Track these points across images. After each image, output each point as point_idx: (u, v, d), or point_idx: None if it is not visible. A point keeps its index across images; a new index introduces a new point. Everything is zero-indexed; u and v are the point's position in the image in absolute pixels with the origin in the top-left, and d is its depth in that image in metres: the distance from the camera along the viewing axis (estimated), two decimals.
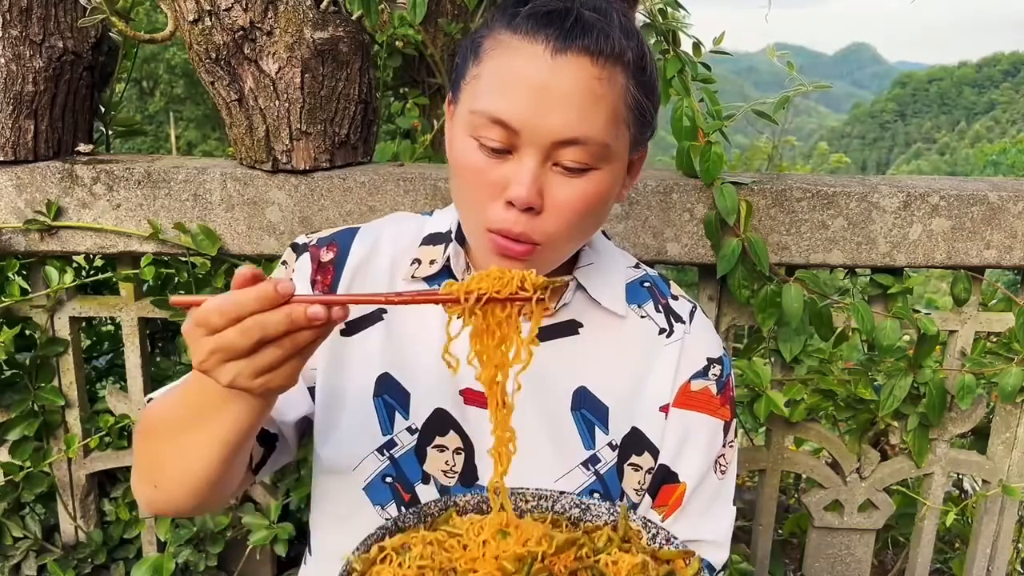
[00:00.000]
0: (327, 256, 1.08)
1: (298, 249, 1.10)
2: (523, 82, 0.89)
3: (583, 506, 0.94)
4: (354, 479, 1.04)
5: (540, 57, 0.89)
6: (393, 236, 1.11)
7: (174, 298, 0.78)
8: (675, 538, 0.90)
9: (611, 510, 0.93)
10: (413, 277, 1.07)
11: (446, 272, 1.07)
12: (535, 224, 0.93)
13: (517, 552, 0.83)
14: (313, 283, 1.07)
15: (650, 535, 0.91)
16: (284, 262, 1.11)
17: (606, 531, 0.90)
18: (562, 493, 0.95)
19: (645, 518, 0.93)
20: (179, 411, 0.91)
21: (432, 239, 1.10)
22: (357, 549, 0.85)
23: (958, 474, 2.27)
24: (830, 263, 1.79)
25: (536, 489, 0.95)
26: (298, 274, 1.08)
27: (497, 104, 0.90)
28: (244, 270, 0.77)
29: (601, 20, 0.91)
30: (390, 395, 1.05)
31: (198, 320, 0.76)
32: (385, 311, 1.07)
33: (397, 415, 1.04)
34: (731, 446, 1.12)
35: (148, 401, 1.05)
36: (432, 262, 1.07)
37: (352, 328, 1.07)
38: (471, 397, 1.05)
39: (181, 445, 0.89)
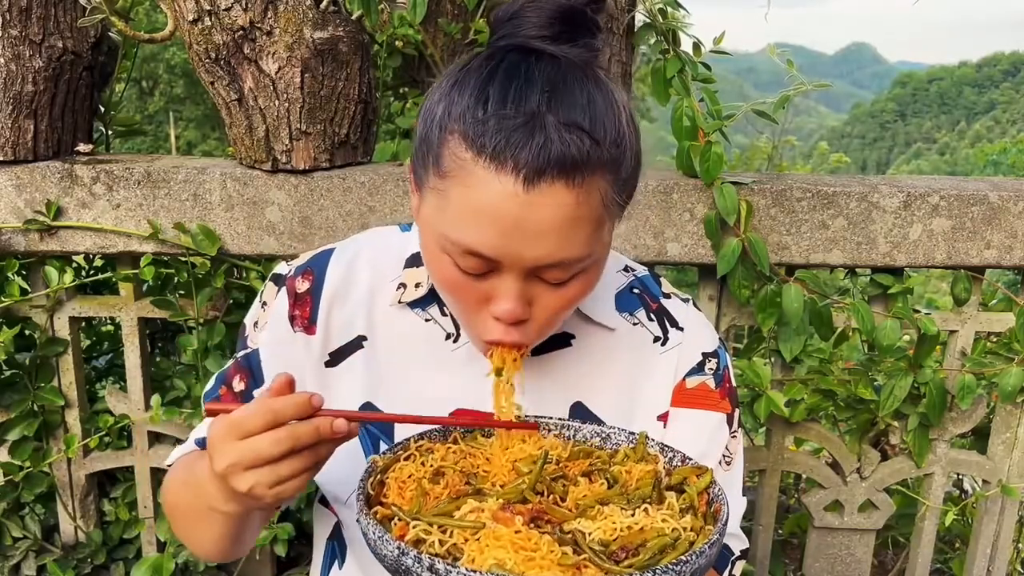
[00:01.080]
0: (303, 286, 1.04)
1: (278, 281, 1.06)
2: (495, 218, 0.82)
3: (604, 435, 0.97)
4: (350, 509, 1.03)
5: (511, 192, 0.80)
6: (370, 257, 1.07)
7: (208, 405, 0.83)
8: (690, 459, 0.92)
9: (631, 438, 0.96)
10: (400, 303, 1.04)
11: (431, 296, 1.04)
12: (525, 330, 0.91)
13: (532, 454, 0.90)
14: (292, 319, 1.03)
15: (667, 458, 0.93)
16: (264, 303, 1.07)
17: (624, 450, 0.94)
18: (584, 422, 0.98)
19: (663, 443, 0.95)
20: (187, 505, 0.97)
21: (415, 260, 1.05)
22: (384, 453, 0.91)
23: (958, 474, 2.27)
24: (830, 263, 1.79)
25: (559, 419, 0.98)
26: (275, 317, 1.04)
27: (470, 238, 0.83)
28: (282, 380, 0.81)
29: (571, 126, 0.81)
30: (373, 424, 1.03)
31: (233, 424, 0.79)
32: (365, 338, 1.04)
33: (381, 444, 1.03)
34: (735, 437, 1.10)
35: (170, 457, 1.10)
36: (417, 285, 1.04)
37: (335, 358, 1.04)
38: (464, 417, 1.02)
39: (194, 529, 0.97)
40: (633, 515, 0.81)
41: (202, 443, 1.06)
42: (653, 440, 0.95)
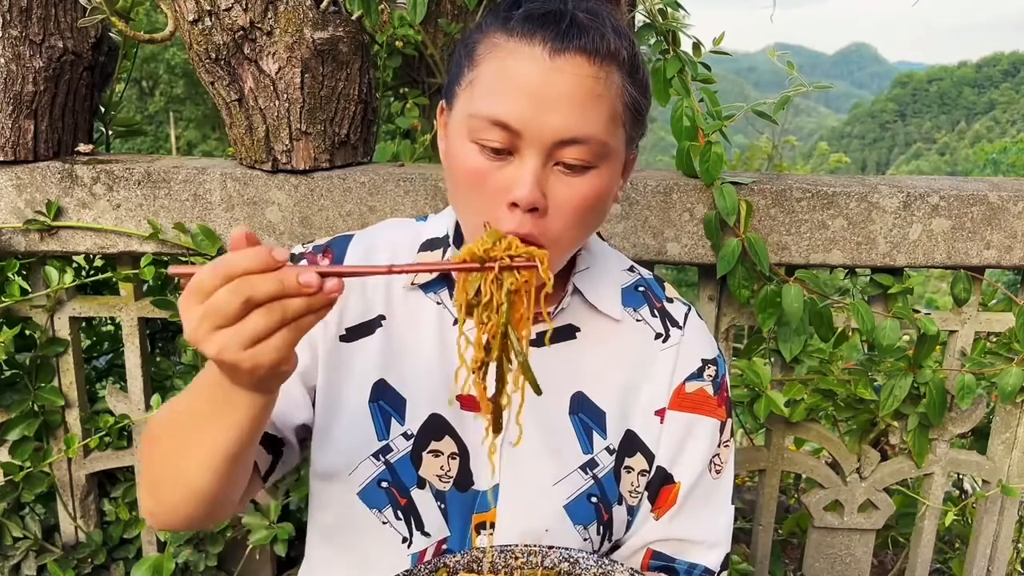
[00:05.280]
0: (323, 263, 1.08)
1: (294, 259, 1.09)
2: (522, 84, 0.89)
3: (572, 560, 0.96)
4: (350, 484, 1.04)
5: (538, 58, 0.89)
6: (389, 242, 1.11)
7: (173, 268, 0.76)
8: None
9: (599, 563, 0.95)
10: (413, 284, 1.07)
11: (446, 278, 1.07)
12: (541, 225, 0.93)
13: None
14: None
15: None
16: None
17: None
18: (551, 548, 0.97)
19: (634, 569, 0.95)
20: (180, 417, 0.90)
21: (430, 244, 1.10)
22: None
23: (958, 474, 2.27)
24: (830, 263, 1.79)
25: (525, 546, 0.97)
26: None
27: (497, 107, 0.90)
28: (238, 232, 0.75)
29: (595, 21, 0.92)
30: (386, 401, 1.05)
31: (192, 287, 0.73)
32: (384, 318, 1.07)
33: (393, 421, 1.05)
34: (726, 446, 1.12)
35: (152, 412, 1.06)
36: None
37: (351, 335, 1.07)
38: (468, 402, 1.05)
39: (181, 452, 0.88)
40: None
41: None
42: (621, 564, 0.95)
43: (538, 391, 0.84)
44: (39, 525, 1.98)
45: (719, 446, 1.11)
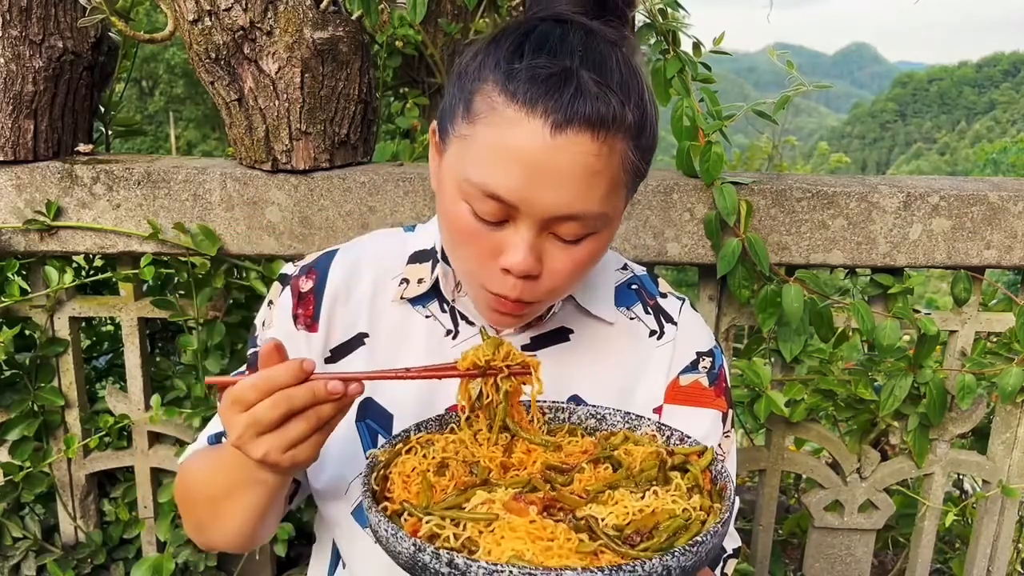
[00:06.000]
0: (306, 285, 1.06)
1: (284, 281, 1.08)
2: (520, 159, 0.84)
3: (599, 416, 0.98)
4: (345, 503, 1.04)
5: (538, 134, 0.83)
6: (374, 256, 1.09)
7: (209, 379, 0.86)
8: (689, 437, 0.92)
9: (626, 419, 0.97)
10: (402, 298, 1.06)
11: (434, 292, 1.05)
12: (532, 288, 0.92)
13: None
14: (295, 317, 1.05)
15: (664, 438, 0.94)
16: (270, 301, 1.09)
17: (622, 433, 0.94)
18: (578, 404, 0.99)
19: (660, 423, 0.95)
20: (212, 485, 0.98)
21: (418, 257, 1.07)
22: (383, 445, 0.91)
23: (958, 474, 2.27)
24: (830, 263, 1.79)
25: (553, 402, 0.99)
26: (280, 315, 1.06)
27: (492, 179, 0.85)
28: (269, 346, 0.84)
29: (601, 83, 0.85)
30: (372, 418, 1.04)
31: (234, 397, 0.83)
32: (367, 335, 1.06)
33: (380, 438, 1.04)
34: (727, 436, 1.11)
35: (183, 452, 1.11)
36: (420, 281, 1.05)
37: (336, 355, 1.06)
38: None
39: (218, 514, 0.97)
40: (643, 498, 0.81)
41: (214, 439, 1.08)
42: (648, 419, 0.96)
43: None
44: (39, 525, 1.98)
45: (721, 436, 1.10)
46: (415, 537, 0.72)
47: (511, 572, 0.67)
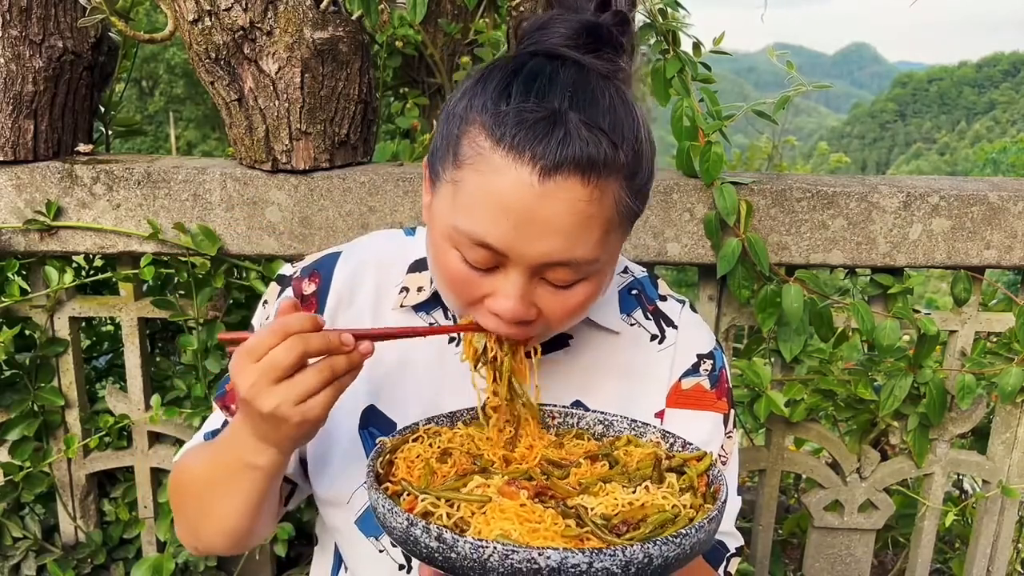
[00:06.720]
0: (309, 288, 1.05)
1: (283, 282, 1.08)
2: (508, 207, 0.82)
3: (606, 422, 1.00)
4: (349, 512, 1.03)
5: (526, 183, 0.80)
6: (377, 262, 1.08)
7: (222, 334, 0.86)
8: (690, 444, 0.94)
9: (632, 426, 0.98)
10: (402, 306, 1.05)
11: (434, 300, 1.05)
12: (526, 329, 0.91)
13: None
14: None
15: (667, 444, 0.95)
16: (265, 301, 1.09)
17: (625, 436, 0.97)
18: (587, 411, 1.01)
19: (664, 430, 0.96)
20: (206, 476, 0.97)
21: (418, 266, 1.07)
22: (393, 435, 0.94)
23: (958, 474, 2.27)
24: (830, 263, 1.79)
25: (561, 407, 1.01)
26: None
27: (481, 227, 0.83)
28: (288, 301, 0.85)
29: (591, 125, 0.82)
30: (376, 427, 1.04)
31: (246, 348, 0.82)
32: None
33: None
34: (730, 437, 1.11)
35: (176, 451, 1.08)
36: (420, 289, 1.05)
37: None
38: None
39: (212, 507, 0.96)
40: (634, 492, 0.83)
41: (210, 436, 1.07)
42: (654, 426, 0.97)
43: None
44: (39, 525, 1.98)
45: (723, 439, 1.10)
46: (408, 513, 0.75)
47: (495, 548, 0.70)
